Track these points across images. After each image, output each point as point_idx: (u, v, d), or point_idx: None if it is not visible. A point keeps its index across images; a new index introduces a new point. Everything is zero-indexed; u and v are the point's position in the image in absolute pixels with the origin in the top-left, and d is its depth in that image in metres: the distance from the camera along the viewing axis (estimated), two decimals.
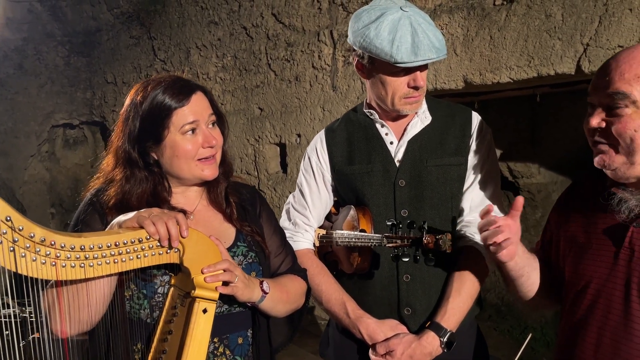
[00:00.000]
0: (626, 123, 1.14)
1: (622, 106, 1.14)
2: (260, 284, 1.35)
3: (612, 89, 1.15)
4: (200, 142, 1.35)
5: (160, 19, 5.63)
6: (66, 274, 1.08)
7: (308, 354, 4.03)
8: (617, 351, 1.20)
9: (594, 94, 1.22)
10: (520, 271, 1.41)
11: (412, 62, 1.51)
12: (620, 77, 1.14)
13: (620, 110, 1.15)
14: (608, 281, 1.24)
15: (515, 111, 4.93)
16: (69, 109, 6.86)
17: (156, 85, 1.34)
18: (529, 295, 1.47)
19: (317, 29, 4.21)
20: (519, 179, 5.20)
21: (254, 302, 1.35)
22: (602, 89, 1.18)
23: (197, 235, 1.23)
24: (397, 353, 1.57)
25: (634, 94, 1.13)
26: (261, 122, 4.74)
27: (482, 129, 1.70)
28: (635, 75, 1.12)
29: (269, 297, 1.37)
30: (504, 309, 5.33)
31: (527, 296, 1.48)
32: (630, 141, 1.15)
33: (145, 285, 1.28)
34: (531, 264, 1.44)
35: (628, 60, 1.15)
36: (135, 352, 1.30)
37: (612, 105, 1.16)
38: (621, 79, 1.14)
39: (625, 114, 1.14)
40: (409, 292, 1.65)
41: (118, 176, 1.36)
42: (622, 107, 1.14)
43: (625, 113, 1.14)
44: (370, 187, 1.69)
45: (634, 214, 1.21)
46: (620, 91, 1.14)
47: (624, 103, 1.14)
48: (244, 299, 1.32)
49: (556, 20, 2.90)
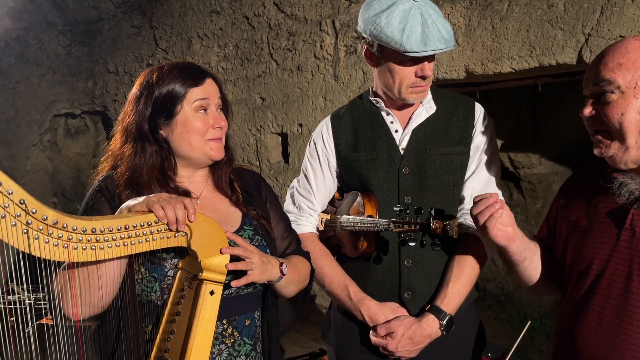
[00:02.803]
0: (613, 108, 1.21)
1: (608, 92, 1.22)
2: (280, 265, 1.40)
3: (598, 78, 1.23)
4: (210, 122, 1.39)
5: (162, 8, 5.62)
6: (78, 256, 1.10)
7: (309, 341, 4.07)
8: (617, 330, 1.23)
9: (585, 87, 1.30)
10: (522, 254, 1.45)
11: (422, 51, 1.54)
12: (604, 66, 1.22)
13: (607, 97, 1.22)
14: (610, 262, 1.27)
15: (517, 101, 4.94)
16: (70, 99, 6.86)
17: (172, 68, 1.39)
18: (532, 281, 1.51)
19: (319, 18, 4.21)
20: (519, 170, 5.22)
21: (271, 281, 1.39)
22: (591, 80, 1.26)
23: (204, 219, 1.26)
24: (398, 334, 1.61)
25: (617, 80, 1.20)
26: (263, 112, 4.75)
27: (484, 119, 1.74)
28: (617, 63, 1.20)
29: (285, 278, 1.42)
30: (504, 298, 5.37)
31: (530, 281, 1.51)
32: (619, 125, 1.21)
33: (156, 268, 1.31)
34: (531, 249, 1.48)
35: (612, 51, 1.23)
36: (146, 333, 1.32)
37: (600, 93, 1.24)
38: (605, 67, 1.22)
39: (612, 100, 1.22)
40: (410, 276, 1.69)
41: (127, 152, 1.38)
42: (608, 93, 1.22)
43: (612, 99, 1.22)
44: (375, 174, 1.72)
45: (634, 197, 1.26)
46: (605, 78, 1.22)
47: (610, 89, 1.21)
48: (262, 282, 1.37)
49: (558, 10, 2.91)
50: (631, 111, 1.19)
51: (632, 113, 1.19)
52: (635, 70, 1.19)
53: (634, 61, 1.19)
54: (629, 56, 1.20)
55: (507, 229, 1.39)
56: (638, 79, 1.18)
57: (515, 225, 1.43)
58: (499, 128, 4.99)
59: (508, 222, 1.40)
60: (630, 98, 1.19)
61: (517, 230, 1.43)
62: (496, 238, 1.39)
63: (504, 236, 1.39)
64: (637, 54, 1.19)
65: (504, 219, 1.39)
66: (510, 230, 1.39)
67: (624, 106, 1.20)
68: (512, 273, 1.54)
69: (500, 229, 1.38)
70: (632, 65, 1.19)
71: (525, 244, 1.45)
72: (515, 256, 1.44)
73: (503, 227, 1.39)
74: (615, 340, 1.24)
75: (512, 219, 1.42)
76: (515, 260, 1.46)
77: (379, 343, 1.65)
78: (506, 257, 1.47)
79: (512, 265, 1.49)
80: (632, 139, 1.21)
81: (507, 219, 1.40)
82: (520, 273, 1.49)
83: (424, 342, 1.62)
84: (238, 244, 1.33)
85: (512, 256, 1.45)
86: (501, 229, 1.38)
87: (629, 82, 1.19)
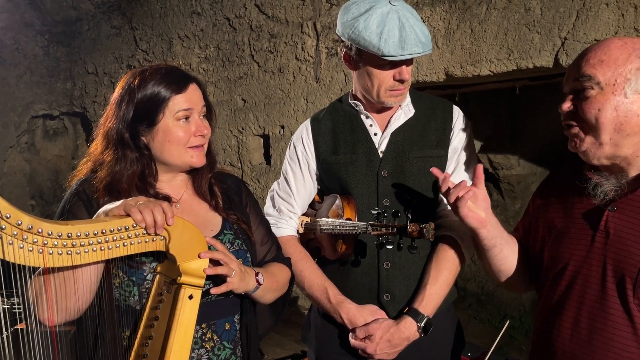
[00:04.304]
0: (591, 103, 1.23)
1: (588, 88, 1.24)
2: (256, 275, 1.39)
3: (579, 73, 1.25)
4: (192, 130, 1.38)
5: (142, 9, 5.58)
6: (53, 261, 1.09)
7: (292, 342, 4.07)
8: (593, 330, 1.25)
9: (566, 83, 1.32)
10: (493, 241, 1.46)
11: (399, 55, 1.55)
12: (585, 63, 1.25)
13: (587, 92, 1.24)
14: (585, 263, 1.29)
15: (496, 104, 5.00)
16: (48, 100, 6.76)
17: (154, 72, 1.37)
18: (501, 270, 1.51)
19: (300, 20, 4.21)
20: (498, 171, 5.28)
21: (248, 291, 1.38)
22: (572, 76, 1.28)
23: (183, 223, 1.25)
24: (376, 337, 1.62)
25: (597, 76, 1.22)
26: (244, 113, 4.74)
27: (462, 122, 1.76)
28: (599, 60, 1.23)
29: (261, 287, 1.41)
30: (484, 298, 5.43)
31: (499, 271, 1.52)
32: (595, 120, 1.23)
33: (134, 272, 1.30)
34: (504, 238, 1.48)
35: (594, 49, 1.26)
36: (124, 339, 1.31)
37: (580, 89, 1.26)
38: (587, 64, 1.24)
39: (591, 95, 1.24)
40: (389, 278, 1.70)
41: (108, 158, 1.36)
42: (588, 88, 1.24)
43: (591, 95, 1.24)
44: (354, 177, 1.73)
45: (608, 198, 1.28)
46: (585, 74, 1.24)
47: (590, 85, 1.23)
48: (240, 292, 1.36)
49: (535, 14, 2.96)
50: (608, 107, 1.21)
51: (609, 109, 1.21)
52: (616, 68, 1.21)
53: (615, 59, 1.21)
54: (611, 54, 1.22)
55: (479, 212, 1.41)
56: (618, 77, 1.21)
57: (490, 211, 1.44)
58: (479, 130, 5.06)
59: (482, 206, 1.42)
60: (608, 94, 1.22)
61: (492, 217, 1.44)
62: (466, 218, 1.40)
63: (474, 217, 1.40)
64: (619, 52, 1.22)
65: (479, 203, 1.41)
66: (483, 214, 1.41)
67: (602, 102, 1.22)
68: (481, 260, 1.55)
69: (471, 210, 1.40)
70: (613, 62, 1.21)
71: (498, 232, 1.46)
72: (485, 241, 1.45)
73: (476, 209, 1.40)
74: (591, 342, 1.25)
75: (487, 205, 1.43)
76: (485, 245, 1.47)
77: (357, 346, 1.66)
78: (477, 241, 1.48)
79: (481, 250, 1.50)
80: (606, 135, 1.23)
81: (483, 203, 1.42)
82: (490, 261, 1.50)
83: (403, 345, 1.63)
84: (218, 249, 1.33)
85: (482, 241, 1.46)
86: (473, 211, 1.40)
87: (609, 79, 1.21)
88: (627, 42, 1.23)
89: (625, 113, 1.21)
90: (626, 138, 1.23)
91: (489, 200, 1.45)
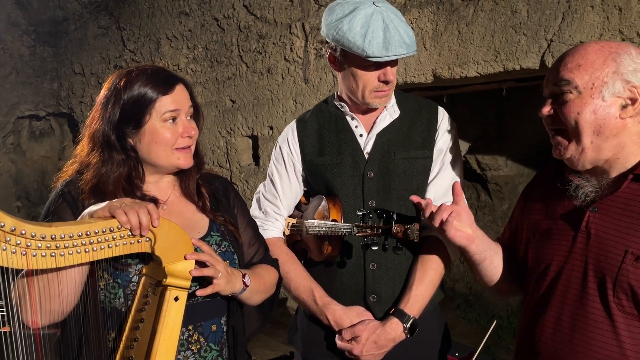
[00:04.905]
0: (570, 107, 1.26)
1: (566, 92, 1.26)
2: (242, 277, 1.38)
3: (557, 78, 1.28)
4: (179, 131, 1.37)
5: (130, 9, 5.54)
6: (37, 264, 1.08)
7: (280, 344, 4.07)
8: (574, 329, 1.27)
9: (545, 87, 1.34)
10: (483, 254, 1.47)
11: (383, 57, 1.55)
12: (564, 67, 1.27)
13: (565, 96, 1.26)
14: (567, 263, 1.31)
15: (483, 105, 5.03)
16: (34, 100, 6.69)
17: (140, 72, 1.36)
18: (493, 280, 1.54)
19: (289, 21, 4.21)
20: (486, 172, 5.32)
21: (234, 293, 1.38)
22: (551, 81, 1.31)
23: (168, 224, 1.25)
24: (362, 339, 1.62)
25: (575, 80, 1.24)
26: (233, 114, 4.73)
27: (447, 123, 1.76)
28: (576, 64, 1.25)
29: (248, 289, 1.40)
30: (472, 298, 5.46)
31: (491, 281, 1.54)
32: (575, 124, 1.25)
33: (120, 274, 1.29)
34: (492, 248, 1.50)
35: (572, 53, 1.28)
36: (109, 341, 1.30)
37: (559, 93, 1.28)
38: (565, 68, 1.27)
39: (570, 99, 1.26)
40: (375, 280, 1.70)
41: (94, 160, 1.36)
42: (566, 92, 1.26)
43: (569, 99, 1.26)
44: (340, 178, 1.73)
45: (589, 199, 1.30)
46: (564, 78, 1.26)
47: (568, 89, 1.25)
48: (226, 294, 1.35)
49: (521, 17, 2.98)
50: (587, 111, 1.23)
51: (588, 113, 1.23)
52: (593, 71, 1.23)
53: (592, 63, 1.23)
54: (588, 58, 1.24)
55: (466, 230, 1.42)
56: (595, 80, 1.23)
57: (475, 225, 1.46)
58: (466, 131, 5.10)
59: (467, 222, 1.43)
60: (587, 98, 1.24)
61: (477, 231, 1.46)
62: (454, 239, 1.42)
63: (462, 236, 1.42)
64: (596, 56, 1.24)
65: (464, 220, 1.42)
66: (470, 231, 1.42)
67: (581, 105, 1.24)
68: (473, 272, 1.57)
69: (458, 230, 1.41)
70: (590, 66, 1.23)
71: (486, 244, 1.48)
72: (476, 256, 1.47)
73: (462, 227, 1.41)
74: (572, 341, 1.27)
75: (472, 220, 1.45)
76: (475, 260, 1.48)
77: (344, 347, 1.66)
78: (466, 256, 1.50)
79: (472, 264, 1.52)
80: (587, 139, 1.25)
81: (467, 220, 1.43)
82: (482, 273, 1.52)
83: (389, 346, 1.64)
84: (204, 251, 1.32)
85: (472, 256, 1.47)
86: (459, 230, 1.41)
87: (587, 83, 1.23)
88: (603, 46, 1.25)
89: (603, 116, 1.23)
90: (606, 141, 1.25)
91: (472, 214, 1.46)
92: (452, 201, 1.48)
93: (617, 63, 1.22)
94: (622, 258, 1.21)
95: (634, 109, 1.23)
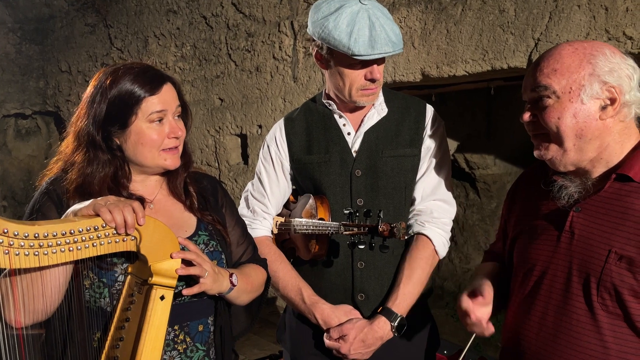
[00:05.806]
0: (550, 113, 1.25)
1: (545, 97, 1.26)
2: (230, 276, 1.37)
3: (534, 84, 1.27)
4: (166, 132, 1.35)
5: (117, 7, 5.50)
6: (19, 263, 1.06)
7: (269, 343, 4.06)
8: (558, 328, 1.28)
9: (524, 93, 1.34)
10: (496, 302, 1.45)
11: (369, 55, 1.55)
12: (540, 73, 1.26)
13: (544, 102, 1.26)
14: (551, 263, 1.31)
15: (471, 104, 5.05)
16: (20, 99, 6.62)
17: (127, 71, 1.33)
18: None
19: (277, 19, 4.20)
20: (475, 170, 5.34)
21: (221, 292, 1.37)
22: (529, 86, 1.30)
23: (154, 223, 1.24)
24: (350, 337, 1.62)
25: (553, 85, 1.24)
26: (222, 112, 4.71)
27: (435, 121, 1.76)
28: (552, 69, 1.25)
29: (236, 288, 1.39)
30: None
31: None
32: (557, 129, 1.25)
33: (105, 273, 1.28)
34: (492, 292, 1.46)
35: (546, 57, 1.28)
36: (94, 341, 1.29)
37: (537, 98, 1.28)
38: (541, 73, 1.26)
39: (549, 105, 1.26)
40: (363, 278, 1.70)
41: (79, 159, 1.33)
42: (545, 98, 1.26)
43: (548, 104, 1.26)
44: (328, 177, 1.72)
45: (573, 200, 1.30)
46: (541, 84, 1.26)
47: (546, 94, 1.25)
48: (213, 293, 1.34)
49: (509, 16, 3.00)
50: (567, 115, 1.23)
51: (568, 117, 1.23)
52: (570, 75, 1.23)
53: (568, 66, 1.23)
54: (563, 61, 1.24)
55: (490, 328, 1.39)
56: (572, 84, 1.23)
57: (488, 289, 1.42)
58: (455, 130, 5.11)
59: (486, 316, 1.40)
60: (565, 102, 1.23)
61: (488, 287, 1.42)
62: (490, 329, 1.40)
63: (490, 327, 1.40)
64: (571, 59, 1.24)
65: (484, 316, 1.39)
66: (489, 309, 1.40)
67: (560, 110, 1.24)
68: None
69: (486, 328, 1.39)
70: (566, 70, 1.23)
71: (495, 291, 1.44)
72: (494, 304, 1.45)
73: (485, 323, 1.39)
74: (557, 340, 1.28)
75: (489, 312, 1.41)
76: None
77: (332, 346, 1.66)
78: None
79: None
80: (569, 142, 1.25)
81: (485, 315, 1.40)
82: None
83: (376, 344, 1.64)
84: (190, 250, 1.31)
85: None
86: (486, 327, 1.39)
87: (564, 87, 1.23)
88: (577, 48, 1.25)
89: (584, 119, 1.23)
90: (589, 143, 1.25)
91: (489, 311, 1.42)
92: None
93: (592, 65, 1.22)
94: (606, 258, 1.21)
95: (613, 109, 1.23)
